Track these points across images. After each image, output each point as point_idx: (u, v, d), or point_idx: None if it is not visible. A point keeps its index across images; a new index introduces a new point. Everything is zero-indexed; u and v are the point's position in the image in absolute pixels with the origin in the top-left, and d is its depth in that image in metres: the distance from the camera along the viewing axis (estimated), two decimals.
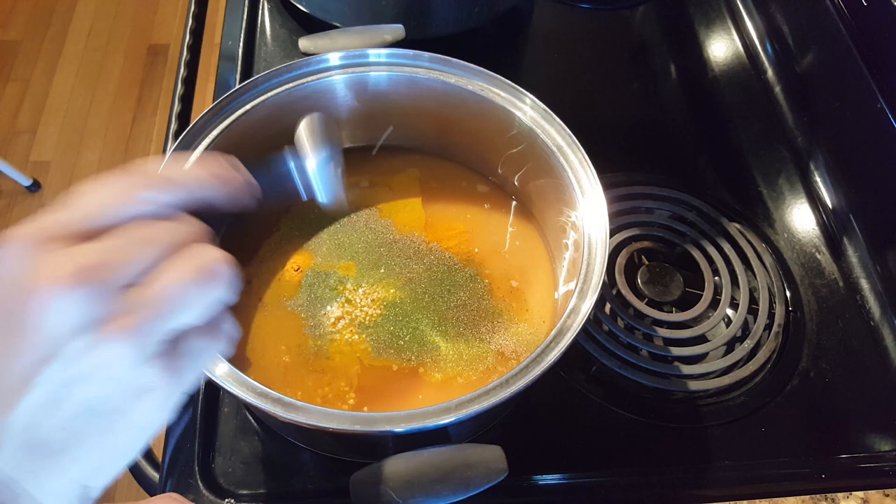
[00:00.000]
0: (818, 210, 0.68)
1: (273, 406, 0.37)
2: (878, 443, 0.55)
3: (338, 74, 0.52)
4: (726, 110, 0.76)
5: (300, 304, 0.52)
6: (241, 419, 0.52)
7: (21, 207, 1.60)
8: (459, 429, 0.50)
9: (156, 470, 0.50)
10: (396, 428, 0.37)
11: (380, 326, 0.51)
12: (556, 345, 0.40)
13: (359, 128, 0.59)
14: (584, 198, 0.47)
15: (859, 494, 0.52)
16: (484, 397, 0.38)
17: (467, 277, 0.54)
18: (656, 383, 0.55)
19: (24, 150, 1.68)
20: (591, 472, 0.52)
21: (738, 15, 0.83)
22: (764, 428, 0.55)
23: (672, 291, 0.59)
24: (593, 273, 0.44)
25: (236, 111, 0.49)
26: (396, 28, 0.56)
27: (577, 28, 0.83)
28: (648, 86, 0.78)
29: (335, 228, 0.56)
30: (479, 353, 0.51)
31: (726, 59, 0.80)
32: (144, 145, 1.72)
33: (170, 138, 0.66)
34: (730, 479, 0.53)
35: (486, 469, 0.38)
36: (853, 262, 0.64)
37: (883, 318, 0.61)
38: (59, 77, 1.82)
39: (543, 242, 0.56)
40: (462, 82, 0.52)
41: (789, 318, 0.60)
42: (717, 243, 0.62)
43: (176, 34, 1.92)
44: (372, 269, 0.54)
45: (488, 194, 0.59)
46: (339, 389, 0.49)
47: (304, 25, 0.76)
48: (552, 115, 0.50)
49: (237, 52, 0.72)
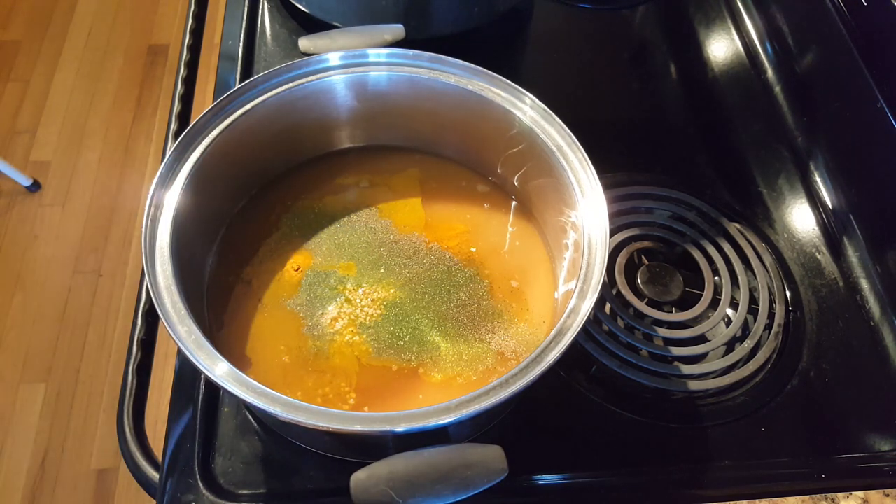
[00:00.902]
0: (818, 210, 0.68)
1: (273, 406, 0.37)
2: (878, 443, 0.55)
3: (338, 74, 0.52)
4: (726, 110, 0.76)
5: (300, 304, 0.52)
6: (241, 419, 0.52)
7: (21, 207, 1.60)
8: (459, 429, 0.50)
9: (156, 470, 0.50)
10: (396, 428, 0.37)
11: (380, 326, 0.51)
12: (556, 345, 0.40)
13: (359, 128, 0.59)
14: (584, 198, 0.47)
15: (859, 494, 0.52)
16: (484, 397, 0.38)
17: (467, 277, 0.54)
18: (656, 383, 0.55)
19: (24, 150, 1.68)
20: (591, 472, 0.52)
21: (738, 15, 0.83)
22: (764, 428, 0.55)
23: (672, 291, 0.59)
24: (593, 273, 0.44)
25: (236, 111, 0.49)
26: (396, 28, 0.56)
27: (577, 28, 0.83)
28: (648, 86, 0.78)
29: (335, 228, 0.56)
30: (478, 354, 0.51)
31: (726, 59, 0.80)
32: (144, 145, 1.72)
33: (170, 138, 0.66)
34: (730, 479, 0.53)
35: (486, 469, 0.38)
36: (853, 262, 0.64)
37: (883, 318, 0.61)
38: (59, 77, 1.82)
39: (543, 242, 0.56)
40: (462, 82, 0.52)
41: (789, 318, 0.60)
42: (717, 243, 0.62)
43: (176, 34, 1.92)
44: (372, 269, 0.54)
45: (488, 194, 0.59)
46: (340, 389, 0.49)
47: (304, 25, 0.76)
48: (552, 115, 0.50)
49: (237, 52, 0.72)
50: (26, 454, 1.30)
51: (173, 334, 0.40)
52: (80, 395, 1.36)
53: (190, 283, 0.46)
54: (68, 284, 1.50)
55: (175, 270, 0.43)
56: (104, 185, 1.65)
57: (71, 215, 1.59)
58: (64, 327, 1.44)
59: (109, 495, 1.26)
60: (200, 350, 0.39)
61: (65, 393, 1.36)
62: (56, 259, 1.53)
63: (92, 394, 1.37)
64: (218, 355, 0.39)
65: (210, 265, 0.53)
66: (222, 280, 0.53)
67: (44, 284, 1.49)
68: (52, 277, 1.50)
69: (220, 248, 0.54)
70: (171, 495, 0.48)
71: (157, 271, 0.42)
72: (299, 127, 0.55)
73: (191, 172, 0.47)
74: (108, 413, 1.35)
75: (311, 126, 0.56)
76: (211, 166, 0.48)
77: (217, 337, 0.50)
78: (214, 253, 0.53)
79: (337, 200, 0.58)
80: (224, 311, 0.51)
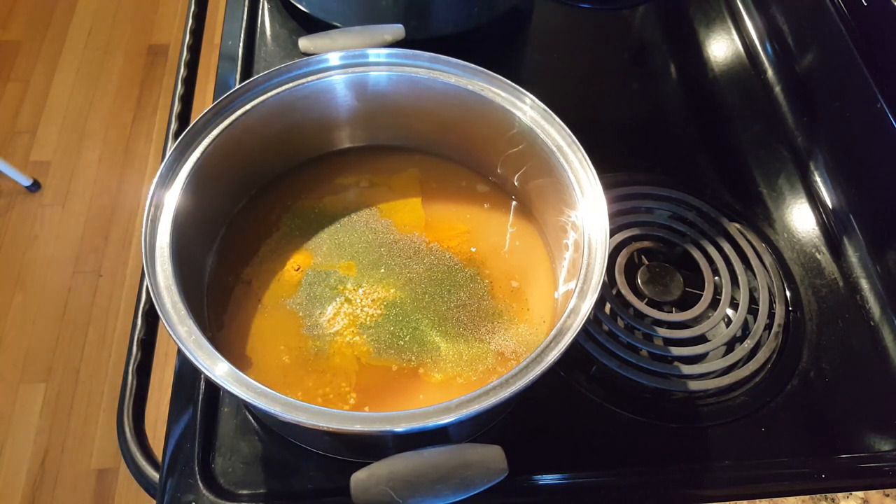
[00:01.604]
0: (818, 210, 0.68)
1: (273, 406, 0.37)
2: (878, 443, 0.55)
3: (338, 74, 0.52)
4: (726, 110, 0.76)
5: (300, 304, 0.52)
6: (241, 419, 0.52)
7: (21, 207, 1.60)
8: (459, 429, 0.50)
9: (156, 470, 0.50)
10: (396, 428, 0.37)
11: (380, 326, 0.51)
12: (556, 345, 0.40)
13: (359, 128, 0.59)
14: (584, 198, 0.47)
15: (859, 494, 0.52)
16: (484, 397, 0.38)
17: (467, 277, 0.54)
18: (656, 383, 0.55)
19: (24, 150, 1.68)
20: (591, 472, 0.52)
21: (738, 15, 0.83)
22: (764, 428, 0.55)
23: (672, 291, 0.59)
24: (593, 273, 0.44)
25: (236, 111, 0.49)
26: (396, 28, 0.56)
27: (577, 28, 0.83)
28: (648, 86, 0.78)
29: (335, 228, 0.56)
30: (479, 354, 0.51)
31: (726, 59, 0.80)
32: (144, 145, 1.72)
33: (170, 138, 0.66)
34: (730, 479, 0.53)
35: (486, 469, 0.38)
36: (853, 262, 0.64)
37: (883, 318, 0.61)
38: (59, 77, 1.82)
39: (543, 242, 0.56)
40: (462, 82, 0.52)
41: (789, 318, 0.60)
42: (717, 243, 0.62)
43: (176, 34, 1.92)
44: (372, 269, 0.54)
45: (488, 194, 0.59)
46: (340, 389, 0.49)
47: (304, 25, 0.76)
48: (552, 115, 0.50)
49: (237, 52, 0.72)
50: (26, 454, 1.30)
51: (173, 334, 0.40)
52: (80, 395, 1.36)
53: (190, 283, 0.46)
54: (68, 284, 1.50)
55: (175, 270, 0.43)
56: (104, 185, 1.65)
57: (71, 215, 1.59)
58: (64, 327, 1.44)
59: (109, 495, 1.26)
60: (200, 350, 0.39)
61: (65, 393, 1.37)
62: (56, 259, 1.53)
63: (92, 394, 1.37)
64: (218, 355, 0.39)
65: (210, 265, 0.53)
66: (222, 280, 0.53)
67: (44, 284, 1.49)
68: (52, 277, 1.50)
69: (220, 248, 0.54)
70: (171, 495, 0.48)
71: (157, 271, 0.42)
72: (299, 127, 0.55)
73: (191, 172, 0.47)
74: (108, 413, 1.35)
75: (311, 126, 0.56)
76: (211, 166, 0.48)
77: (217, 337, 0.50)
78: (214, 253, 0.53)
79: (337, 200, 0.58)
80: (224, 312, 0.51)
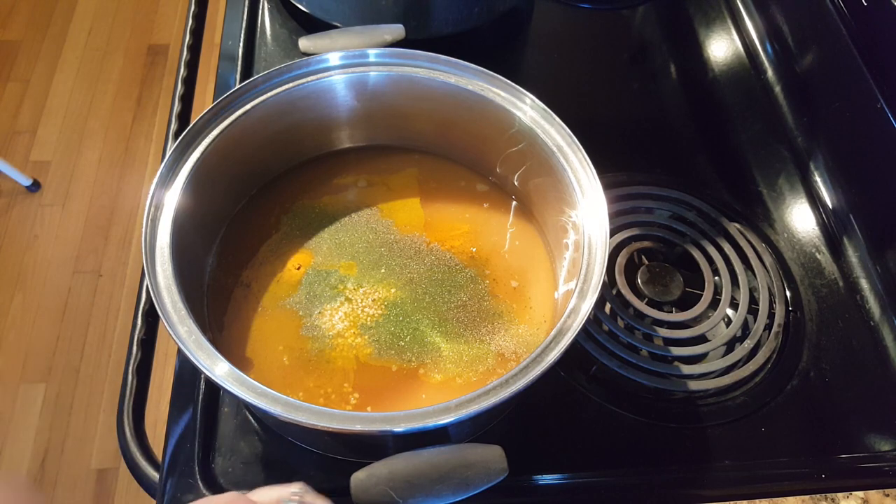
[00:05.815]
0: (818, 210, 0.68)
1: (273, 406, 0.37)
2: (878, 443, 0.55)
3: (338, 74, 0.52)
4: (726, 110, 0.76)
5: (300, 303, 0.52)
6: (241, 419, 0.52)
7: (21, 207, 1.60)
8: (459, 429, 0.50)
9: (156, 470, 0.50)
10: (396, 428, 0.37)
11: (380, 327, 0.51)
12: (556, 345, 0.40)
13: (358, 128, 0.59)
14: (584, 198, 0.47)
15: (859, 494, 0.52)
16: (484, 397, 0.38)
17: (468, 278, 0.54)
18: (656, 383, 0.55)
19: (24, 149, 1.68)
20: (591, 472, 0.52)
21: (738, 15, 0.83)
22: (764, 428, 0.55)
23: (672, 291, 0.59)
24: (593, 273, 0.44)
25: (236, 111, 0.49)
26: (396, 28, 0.56)
27: (577, 28, 0.83)
28: (648, 86, 0.78)
29: (336, 228, 0.56)
30: (479, 354, 0.51)
31: (726, 59, 0.80)
32: (144, 145, 1.72)
33: (170, 138, 0.66)
34: (730, 479, 0.53)
35: (486, 469, 0.38)
36: (853, 262, 0.64)
37: (883, 318, 0.61)
38: (59, 77, 1.82)
39: (543, 242, 0.56)
40: (462, 82, 0.52)
41: (789, 318, 0.60)
42: (717, 243, 0.62)
43: (176, 34, 1.92)
44: (372, 269, 0.54)
45: (488, 194, 0.59)
46: (341, 390, 0.49)
47: (304, 25, 0.76)
48: (552, 115, 0.50)
49: (237, 52, 0.72)
50: (26, 454, 1.30)
51: (173, 334, 0.40)
52: (80, 395, 1.36)
53: (190, 284, 0.46)
54: (68, 284, 1.49)
55: (175, 270, 0.43)
56: (104, 185, 1.64)
57: (71, 215, 1.59)
58: (64, 327, 1.44)
59: (109, 495, 1.26)
60: (200, 350, 0.40)
61: (65, 393, 1.36)
62: (56, 259, 1.53)
63: (92, 394, 1.37)
64: (218, 355, 0.39)
65: (210, 266, 0.53)
66: (222, 281, 0.53)
67: (44, 284, 1.49)
68: (52, 277, 1.50)
69: (220, 249, 0.54)
70: (171, 495, 0.48)
71: (157, 271, 0.42)
72: (299, 127, 0.55)
73: (191, 172, 0.47)
74: (108, 413, 1.35)
75: (311, 126, 0.56)
76: (211, 166, 0.48)
77: (218, 339, 0.50)
78: (214, 253, 0.53)
79: (337, 200, 0.58)
80: (224, 314, 0.51)
